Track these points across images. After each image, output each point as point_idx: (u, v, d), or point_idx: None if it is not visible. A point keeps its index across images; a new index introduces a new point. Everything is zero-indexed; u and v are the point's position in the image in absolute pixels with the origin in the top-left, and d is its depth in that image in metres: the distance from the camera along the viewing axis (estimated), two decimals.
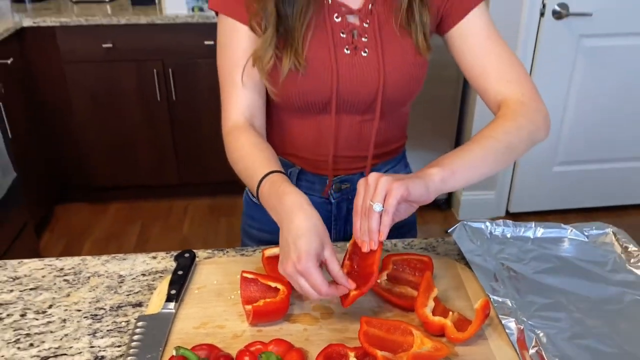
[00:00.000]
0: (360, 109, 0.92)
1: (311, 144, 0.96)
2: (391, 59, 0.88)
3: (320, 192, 1.02)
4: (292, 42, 0.85)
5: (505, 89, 0.90)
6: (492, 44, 0.90)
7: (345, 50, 0.88)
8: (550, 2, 2.30)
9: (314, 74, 0.87)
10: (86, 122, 2.66)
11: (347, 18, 0.88)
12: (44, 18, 2.46)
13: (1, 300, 0.83)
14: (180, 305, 0.79)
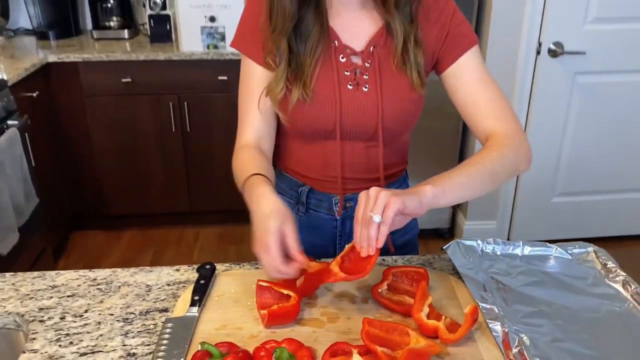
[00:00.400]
0: (362, 137, 1.03)
1: (319, 166, 1.08)
2: (389, 95, 0.99)
3: (327, 210, 1.13)
4: (302, 76, 0.97)
5: (493, 124, 1.00)
6: (482, 85, 1.01)
7: (348, 85, 1.00)
8: (546, 41, 2.43)
9: (320, 105, 0.98)
10: (104, 152, 2.79)
11: (351, 58, 1.00)
12: (67, 54, 2.61)
13: (42, 306, 0.93)
14: (203, 310, 0.89)
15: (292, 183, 1.14)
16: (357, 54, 1.00)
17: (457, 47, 1.01)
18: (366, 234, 0.80)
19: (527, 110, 2.59)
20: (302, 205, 1.13)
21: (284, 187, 1.15)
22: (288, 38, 0.96)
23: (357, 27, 1.01)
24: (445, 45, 1.01)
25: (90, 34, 2.96)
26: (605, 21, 2.39)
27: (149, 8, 2.80)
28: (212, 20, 2.62)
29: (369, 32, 1.00)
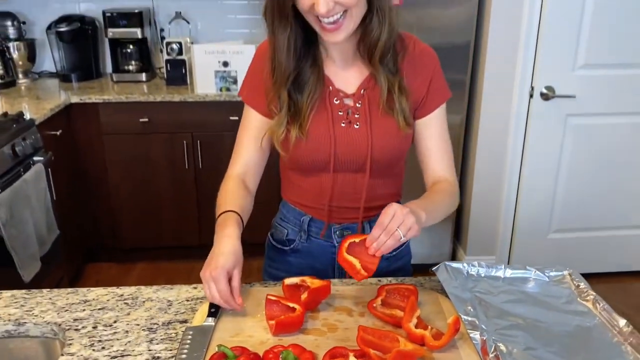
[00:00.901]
0: (353, 168, 1.16)
1: (315, 196, 1.21)
2: (378, 132, 1.13)
3: (326, 237, 1.25)
4: (299, 118, 1.11)
5: (443, 173, 1.21)
6: (442, 140, 1.21)
7: (341, 124, 1.14)
8: (538, 85, 2.59)
9: (316, 142, 1.13)
10: (119, 188, 2.94)
11: (344, 100, 1.15)
12: (89, 95, 2.80)
13: (77, 317, 1.05)
14: (218, 321, 1.01)
15: (295, 212, 1.27)
16: (349, 96, 1.15)
17: (435, 100, 1.18)
18: (385, 242, 0.96)
19: (522, 150, 2.73)
20: (304, 233, 1.26)
21: (288, 216, 1.28)
22: (288, 88, 1.10)
23: (348, 74, 1.16)
24: (428, 94, 1.17)
25: (110, 77, 3.15)
26: (593, 67, 2.55)
27: (166, 53, 3.00)
28: (225, 65, 2.81)
29: (359, 78, 1.16)
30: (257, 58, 1.20)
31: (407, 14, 2.55)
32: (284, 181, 1.29)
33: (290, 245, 1.28)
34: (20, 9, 3.16)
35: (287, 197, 1.29)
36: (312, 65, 1.12)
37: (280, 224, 1.31)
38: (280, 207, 1.33)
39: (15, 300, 1.10)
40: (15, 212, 2.03)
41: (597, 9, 2.45)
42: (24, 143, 2.22)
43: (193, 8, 3.25)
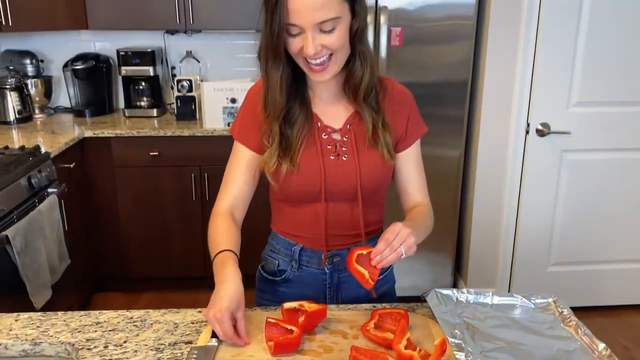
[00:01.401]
0: (343, 197, 1.25)
1: (308, 226, 1.28)
2: (364, 162, 1.23)
3: (317, 265, 1.32)
4: (290, 152, 1.20)
5: (420, 199, 1.33)
6: (418, 170, 1.33)
7: (330, 157, 1.23)
8: (534, 122, 2.68)
9: (308, 173, 1.21)
10: (128, 219, 3.03)
11: (332, 135, 1.24)
12: (102, 130, 2.92)
13: (89, 337, 1.12)
14: (221, 342, 1.07)
15: (286, 243, 1.34)
16: (337, 131, 1.25)
17: (413, 135, 1.30)
18: (388, 257, 1.06)
19: (520, 185, 2.80)
20: (295, 262, 1.32)
21: (279, 247, 1.35)
22: (279, 123, 1.20)
23: (335, 111, 1.26)
24: (407, 130, 1.29)
25: (123, 112, 3.28)
26: (586, 105, 2.65)
27: (177, 90, 3.13)
28: (233, 101, 2.93)
29: (345, 115, 1.26)
30: (249, 99, 1.30)
31: (407, 52, 2.67)
32: (274, 213, 1.36)
33: (282, 275, 1.34)
34: (39, 48, 3.32)
35: (277, 228, 1.36)
36: (300, 104, 1.22)
37: (271, 256, 1.37)
38: (270, 239, 1.39)
39: (32, 322, 1.18)
40: (29, 242, 2.12)
41: (589, 48, 2.56)
42: (39, 175, 2.32)
43: (203, 47, 3.40)
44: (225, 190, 1.28)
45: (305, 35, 1.08)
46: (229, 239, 1.20)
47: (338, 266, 1.32)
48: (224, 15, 3.06)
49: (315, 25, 1.07)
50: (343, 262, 1.30)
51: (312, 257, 1.31)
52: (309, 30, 1.07)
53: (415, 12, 2.62)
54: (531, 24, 2.57)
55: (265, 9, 1.10)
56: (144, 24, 3.09)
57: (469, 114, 2.83)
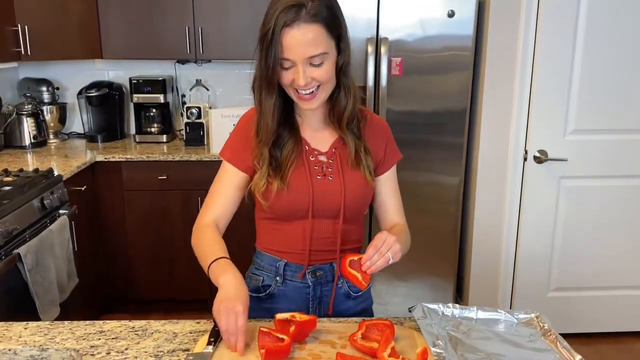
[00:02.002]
0: (329, 214, 1.33)
1: (293, 242, 1.36)
2: (349, 182, 1.32)
3: (300, 279, 1.39)
4: (280, 172, 1.29)
5: (397, 219, 1.43)
6: (395, 192, 1.44)
7: (317, 176, 1.32)
8: (531, 149, 2.75)
9: (297, 191, 1.30)
10: (136, 241, 3.11)
11: (318, 157, 1.34)
12: (113, 154, 3.02)
13: (93, 344, 1.19)
14: (216, 349, 1.14)
15: (270, 259, 1.40)
16: (323, 154, 1.35)
17: (391, 160, 1.42)
18: (377, 262, 1.17)
19: (519, 211, 2.86)
20: (280, 277, 1.39)
21: (263, 264, 1.42)
22: (270, 147, 1.30)
23: (322, 136, 1.37)
24: (385, 155, 1.40)
25: (133, 138, 3.40)
26: (583, 132, 2.72)
27: (186, 117, 3.24)
28: None
29: (331, 140, 1.36)
30: (240, 125, 1.39)
31: (407, 82, 2.77)
32: (260, 233, 1.44)
33: (266, 290, 1.41)
34: (56, 76, 3.46)
35: (263, 247, 1.43)
36: (290, 130, 1.32)
37: (255, 273, 1.44)
38: (254, 258, 1.47)
39: (40, 330, 1.25)
40: (40, 260, 2.20)
41: (585, 77, 2.64)
42: (51, 197, 2.42)
43: (213, 76, 3.53)
44: (212, 205, 1.38)
45: (297, 68, 1.20)
46: (222, 247, 1.29)
47: (320, 279, 1.39)
48: (232, 46, 3.19)
49: (305, 59, 1.19)
50: (325, 276, 1.38)
51: (296, 272, 1.38)
52: (300, 64, 1.19)
53: (414, 43, 2.73)
54: (527, 54, 2.66)
55: (260, 46, 1.21)
56: (156, 53, 3.23)
57: (468, 142, 2.91)
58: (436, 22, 2.72)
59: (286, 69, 1.21)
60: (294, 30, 1.17)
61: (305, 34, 1.17)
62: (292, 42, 1.17)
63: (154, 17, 3.14)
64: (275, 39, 1.17)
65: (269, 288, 1.40)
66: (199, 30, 3.15)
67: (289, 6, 1.16)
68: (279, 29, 1.16)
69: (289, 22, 1.16)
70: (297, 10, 1.16)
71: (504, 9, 2.65)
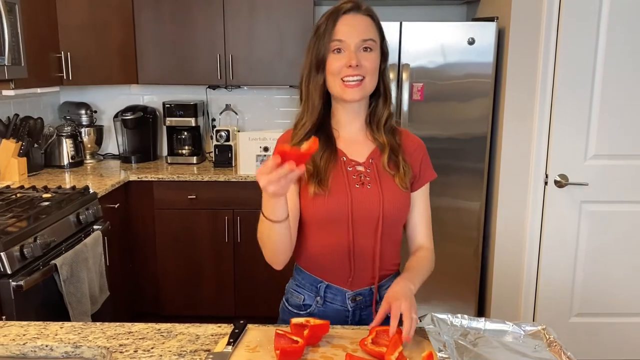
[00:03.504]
0: (369, 223, 1.36)
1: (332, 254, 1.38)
2: (386, 191, 1.37)
3: (341, 303, 1.43)
4: (319, 178, 1.34)
5: (425, 241, 1.48)
6: (427, 211, 1.48)
7: (356, 185, 1.37)
8: (552, 173, 2.79)
9: (336, 199, 1.35)
10: (165, 258, 3.22)
11: (356, 167, 1.40)
12: (145, 174, 3.17)
13: (122, 343, 1.28)
14: (235, 349, 1.21)
15: (312, 279, 1.43)
16: (361, 164, 1.40)
17: (425, 177, 1.46)
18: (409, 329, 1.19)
19: (540, 236, 2.88)
20: (321, 298, 1.43)
21: (304, 282, 1.45)
22: None
23: (358, 148, 1.42)
24: (420, 171, 1.45)
25: (165, 159, 3.54)
26: (603, 157, 2.74)
27: (216, 140, 3.38)
28: (266, 150, 3.15)
29: (367, 151, 1.42)
30: (279, 143, 1.43)
31: (429, 108, 2.85)
32: (299, 247, 1.44)
33: (307, 309, 1.44)
34: (94, 100, 3.65)
35: (304, 265, 1.45)
36: (327, 141, 1.38)
37: (297, 290, 1.46)
38: (295, 273, 1.49)
39: (74, 329, 1.35)
40: (74, 272, 2.32)
41: (605, 102, 2.68)
42: (86, 212, 2.55)
43: (241, 101, 3.68)
44: None
45: (349, 51, 1.31)
46: None
47: (360, 304, 1.43)
48: (260, 72, 3.34)
49: (359, 41, 1.31)
50: (365, 301, 1.43)
51: (337, 295, 1.43)
52: (353, 46, 1.31)
53: (435, 69, 2.82)
54: (547, 80, 2.71)
55: (314, 36, 1.35)
56: (188, 79, 3.39)
57: (489, 166, 2.96)
58: (457, 49, 2.80)
59: (336, 52, 1.31)
60: (350, 16, 1.32)
61: (360, 20, 1.32)
62: (348, 26, 1.31)
63: (186, 45, 3.31)
64: (330, 24, 1.31)
65: (309, 307, 1.44)
66: (229, 57, 3.30)
67: (346, 2, 1.34)
68: (336, 16, 1.32)
69: (347, 10, 1.32)
70: (354, 5, 1.33)
71: (523, 36, 2.72)
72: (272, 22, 3.28)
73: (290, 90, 3.64)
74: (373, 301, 1.43)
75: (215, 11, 3.27)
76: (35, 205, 2.39)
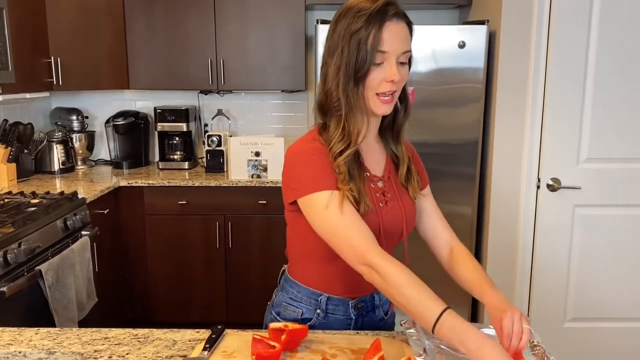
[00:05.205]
0: (393, 241, 1.35)
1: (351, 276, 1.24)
2: (406, 206, 1.35)
3: (344, 312, 1.38)
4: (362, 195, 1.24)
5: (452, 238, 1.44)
6: (438, 208, 1.45)
7: (380, 204, 1.31)
8: (545, 177, 2.76)
9: (369, 219, 1.25)
10: (155, 264, 3.20)
11: (377, 184, 1.34)
12: (135, 180, 3.15)
13: (97, 349, 1.25)
14: (211, 355, 1.19)
15: (309, 292, 1.36)
16: (380, 179, 1.34)
17: (424, 180, 1.45)
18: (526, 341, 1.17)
19: (533, 240, 2.85)
20: (322, 311, 1.37)
21: (301, 296, 1.37)
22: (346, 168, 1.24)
23: (374, 158, 1.35)
24: (421, 176, 1.43)
25: (157, 165, 3.53)
26: (596, 161, 2.71)
27: (207, 145, 3.36)
28: (257, 155, 3.13)
29: (382, 161, 1.37)
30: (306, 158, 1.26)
31: (420, 112, 2.83)
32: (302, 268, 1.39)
33: (306, 323, 1.33)
34: (86, 106, 3.64)
35: (305, 281, 1.38)
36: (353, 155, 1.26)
37: (292, 304, 1.38)
38: (287, 286, 1.41)
39: (49, 335, 1.32)
40: (60, 277, 2.29)
41: (597, 105, 2.64)
42: (74, 218, 2.53)
43: (234, 106, 3.66)
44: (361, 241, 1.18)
45: (389, 63, 1.19)
46: (431, 294, 1.16)
47: (362, 311, 1.39)
48: (252, 77, 3.32)
49: (400, 54, 1.20)
50: (366, 307, 1.39)
51: (339, 305, 1.37)
52: (394, 58, 1.20)
53: (426, 74, 2.80)
54: (538, 83, 2.69)
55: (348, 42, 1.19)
56: (179, 84, 3.38)
57: (481, 171, 2.94)
58: (448, 52, 2.79)
59: (376, 65, 1.20)
60: (393, 24, 1.19)
61: (401, 29, 1.21)
62: (392, 35, 1.18)
63: (178, 50, 3.30)
64: (374, 31, 1.17)
65: (309, 321, 1.36)
66: (221, 62, 3.29)
67: (385, 3, 1.19)
68: (381, 22, 1.17)
69: (391, 16, 1.19)
70: (398, 11, 1.20)
71: (514, 40, 2.70)
72: (264, 27, 3.27)
73: (283, 96, 3.63)
74: (374, 307, 1.41)
75: (207, 16, 3.26)
76: (21, 210, 2.37)
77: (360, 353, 1.20)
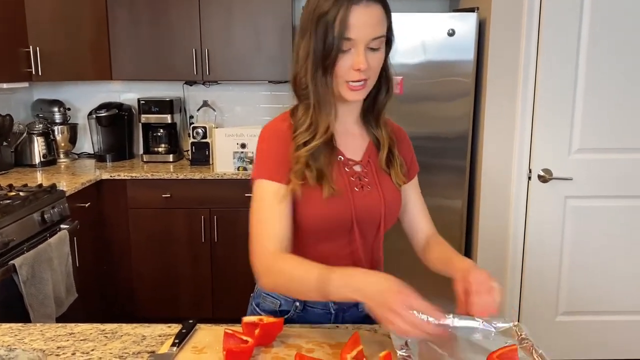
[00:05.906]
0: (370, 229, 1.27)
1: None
2: (386, 192, 1.27)
3: (322, 306, 1.31)
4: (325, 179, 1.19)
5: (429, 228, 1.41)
6: (421, 198, 1.41)
7: (355, 189, 1.25)
8: (536, 168, 2.71)
9: (337, 207, 1.21)
10: (140, 259, 3.12)
11: (354, 168, 1.27)
12: (119, 173, 3.07)
13: (60, 346, 1.18)
14: (180, 350, 1.12)
15: None
16: (358, 163, 1.28)
17: (414, 169, 1.38)
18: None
19: (524, 232, 2.79)
20: (300, 304, 1.30)
21: None
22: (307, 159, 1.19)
23: (354, 142, 1.29)
24: (411, 163, 1.37)
25: (141, 158, 3.44)
26: (587, 151, 2.67)
27: (192, 137, 3.28)
28: (243, 147, 3.05)
29: (363, 145, 1.30)
30: (267, 140, 1.25)
31: (409, 105, 2.76)
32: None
33: (284, 316, 1.28)
34: (69, 98, 3.55)
35: None
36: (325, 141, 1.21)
37: (271, 294, 1.33)
38: None
39: (12, 331, 1.25)
40: (36, 272, 2.22)
41: (588, 96, 2.60)
42: (52, 211, 2.45)
43: (219, 98, 3.58)
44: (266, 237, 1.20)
45: (357, 50, 1.12)
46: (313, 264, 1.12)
47: (343, 306, 1.32)
48: (238, 67, 3.25)
49: (369, 40, 1.13)
50: (348, 302, 1.28)
51: None
52: (362, 46, 1.12)
53: (415, 63, 2.73)
54: (529, 71, 2.63)
55: (315, 26, 1.13)
56: (164, 75, 3.29)
57: (471, 163, 2.88)
58: (437, 40, 2.72)
59: (344, 52, 1.13)
60: (362, 8, 1.11)
61: (371, 13, 1.12)
62: (359, 21, 1.11)
63: (162, 39, 3.21)
64: (341, 16, 1.10)
65: (287, 314, 1.30)
66: (206, 52, 3.21)
67: None
68: (347, 6, 1.10)
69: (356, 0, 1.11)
70: None
71: (504, 27, 2.64)
72: (250, 16, 3.19)
73: (270, 86, 3.55)
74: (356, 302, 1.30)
75: (191, 5, 3.18)
76: None
77: (338, 347, 1.14)
